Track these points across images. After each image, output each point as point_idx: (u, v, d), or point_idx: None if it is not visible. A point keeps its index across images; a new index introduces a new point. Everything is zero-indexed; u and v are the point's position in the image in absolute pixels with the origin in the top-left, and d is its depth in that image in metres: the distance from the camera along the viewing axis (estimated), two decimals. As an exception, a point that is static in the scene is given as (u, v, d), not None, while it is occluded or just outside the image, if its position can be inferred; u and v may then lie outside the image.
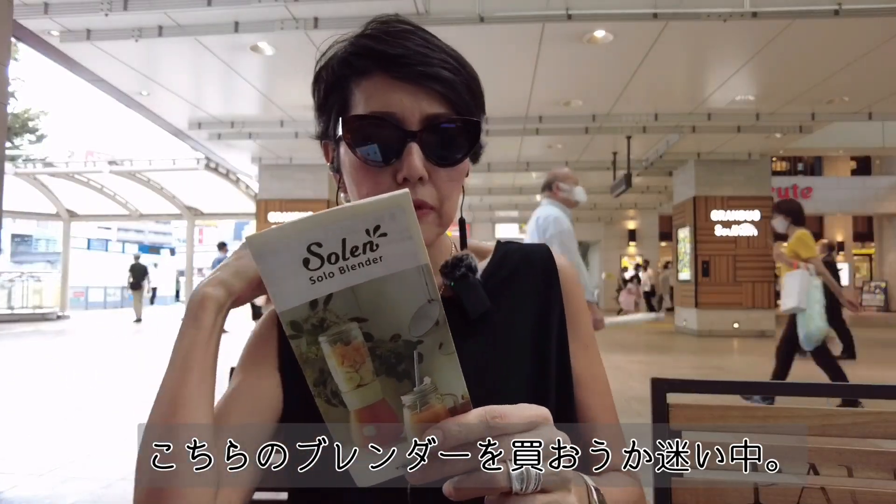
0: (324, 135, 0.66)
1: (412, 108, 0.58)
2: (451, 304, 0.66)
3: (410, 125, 0.58)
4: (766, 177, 10.96)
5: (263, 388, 0.63)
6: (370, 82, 0.59)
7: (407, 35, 0.59)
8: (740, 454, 0.88)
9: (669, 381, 0.91)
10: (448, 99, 0.59)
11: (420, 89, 0.58)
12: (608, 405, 0.69)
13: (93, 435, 3.79)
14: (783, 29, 5.32)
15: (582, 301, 0.71)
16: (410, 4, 4.82)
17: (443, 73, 0.58)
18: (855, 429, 0.84)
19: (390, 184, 0.58)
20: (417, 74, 0.57)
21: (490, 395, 0.61)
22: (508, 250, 0.72)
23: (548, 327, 0.67)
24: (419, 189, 0.58)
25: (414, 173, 0.57)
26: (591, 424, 0.67)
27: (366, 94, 0.59)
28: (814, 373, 4.80)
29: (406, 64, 0.57)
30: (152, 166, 12.24)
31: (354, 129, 0.59)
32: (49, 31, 5.53)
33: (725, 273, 10.72)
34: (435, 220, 0.61)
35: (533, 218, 3.62)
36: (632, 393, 5.19)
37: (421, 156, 0.57)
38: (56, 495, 2.74)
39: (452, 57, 0.61)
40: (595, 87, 7.08)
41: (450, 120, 0.59)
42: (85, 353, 7.96)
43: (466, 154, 0.61)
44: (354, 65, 0.60)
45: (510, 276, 0.69)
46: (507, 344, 0.65)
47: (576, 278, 0.71)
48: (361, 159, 0.58)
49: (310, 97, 0.66)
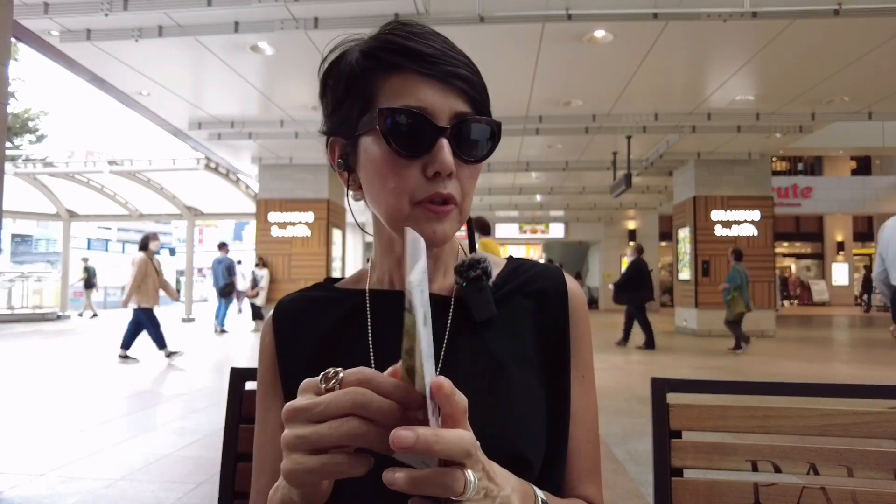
0: (336, 130, 0.66)
1: (442, 105, 0.59)
2: (459, 304, 0.66)
3: (441, 121, 0.59)
4: (766, 177, 10.97)
5: (282, 426, 0.66)
6: (400, 78, 0.59)
7: (431, 36, 0.61)
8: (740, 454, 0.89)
9: (669, 380, 0.91)
10: (472, 98, 0.61)
11: (448, 87, 0.59)
12: (591, 436, 0.69)
13: (93, 435, 3.79)
14: (783, 29, 5.32)
15: (587, 329, 0.70)
16: (410, 4, 4.82)
17: (466, 73, 0.60)
18: (855, 428, 0.84)
19: (418, 178, 0.59)
20: (446, 73, 0.59)
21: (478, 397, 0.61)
22: (521, 265, 0.73)
23: (548, 347, 0.67)
24: (448, 184, 0.59)
25: (447, 168, 0.58)
26: (570, 454, 0.67)
27: (395, 88, 0.59)
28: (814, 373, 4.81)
29: (436, 62, 0.59)
30: (152, 166, 12.24)
31: (389, 120, 0.59)
32: (49, 31, 5.54)
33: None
34: (457, 216, 0.62)
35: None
36: (632, 393, 5.19)
37: (450, 151, 0.59)
38: (56, 495, 2.74)
39: (470, 61, 0.63)
40: (595, 87, 7.09)
41: (476, 118, 0.61)
42: (85, 353, 7.97)
43: (489, 153, 0.63)
44: (382, 59, 0.60)
45: (519, 289, 0.69)
46: (505, 352, 0.65)
47: (585, 306, 0.71)
48: (395, 151, 0.59)
49: (310, 97, 0.66)
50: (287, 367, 0.67)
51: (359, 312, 0.68)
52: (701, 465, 0.88)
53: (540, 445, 0.62)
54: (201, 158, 11.29)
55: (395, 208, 0.60)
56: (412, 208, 0.60)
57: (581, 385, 0.68)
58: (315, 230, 11.10)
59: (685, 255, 11.43)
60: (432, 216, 0.60)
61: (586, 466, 0.68)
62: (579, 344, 0.69)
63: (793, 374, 6.32)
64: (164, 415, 4.40)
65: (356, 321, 0.67)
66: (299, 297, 0.72)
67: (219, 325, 11.17)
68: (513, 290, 0.69)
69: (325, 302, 0.70)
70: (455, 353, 0.64)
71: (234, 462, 0.93)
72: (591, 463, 0.68)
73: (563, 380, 0.67)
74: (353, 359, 0.65)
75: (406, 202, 0.60)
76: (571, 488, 0.67)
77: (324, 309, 0.70)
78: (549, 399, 0.65)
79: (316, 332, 0.68)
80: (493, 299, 0.66)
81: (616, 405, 4.69)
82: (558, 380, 0.66)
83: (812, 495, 0.83)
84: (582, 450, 0.68)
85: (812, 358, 7.87)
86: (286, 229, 11.09)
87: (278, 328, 0.70)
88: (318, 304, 0.71)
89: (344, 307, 0.69)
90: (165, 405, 4.70)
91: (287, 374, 0.67)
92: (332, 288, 0.73)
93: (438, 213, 0.60)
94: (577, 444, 0.67)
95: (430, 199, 0.59)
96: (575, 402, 0.67)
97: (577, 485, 0.67)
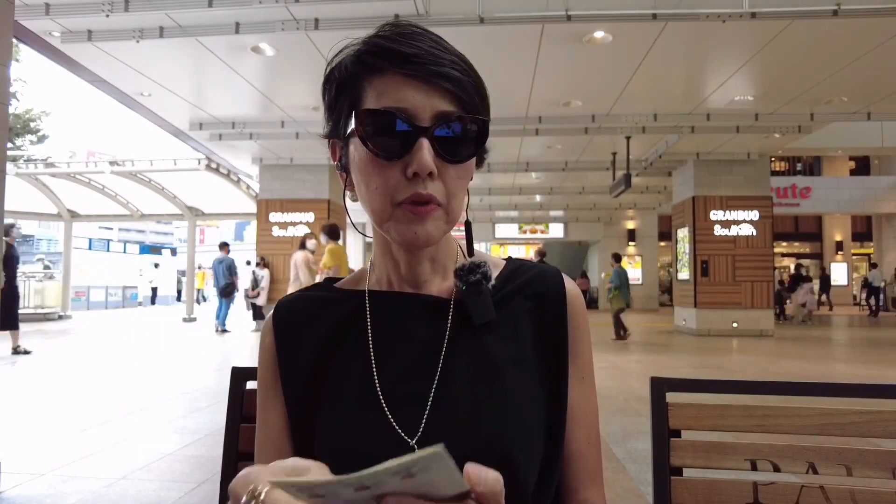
0: (332, 133, 0.67)
1: (424, 105, 0.58)
2: (458, 307, 0.67)
3: (422, 121, 0.58)
4: (765, 177, 10.96)
5: (282, 426, 0.68)
6: (383, 79, 0.60)
7: (419, 37, 0.60)
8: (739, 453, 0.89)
9: (669, 380, 0.91)
10: (458, 98, 0.60)
11: (431, 87, 0.59)
12: (592, 438, 0.68)
13: (94, 434, 3.79)
14: (782, 29, 5.32)
15: (586, 331, 0.70)
16: (410, 5, 4.82)
17: (453, 73, 0.59)
18: (854, 428, 0.84)
19: (399, 178, 0.59)
20: (429, 72, 0.58)
21: (476, 397, 0.62)
22: (520, 267, 0.72)
23: (546, 349, 0.67)
24: (428, 184, 0.59)
25: (424, 168, 0.57)
26: (570, 457, 0.67)
27: (378, 90, 0.60)
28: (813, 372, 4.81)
29: (418, 62, 0.58)
30: (153, 167, 12.24)
31: (367, 122, 0.59)
32: (50, 32, 5.54)
33: (724, 273, 10.73)
34: (442, 216, 0.62)
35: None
36: (631, 392, 5.20)
37: (431, 151, 0.58)
38: (57, 495, 2.74)
39: (461, 60, 0.62)
40: (594, 88, 7.09)
41: (460, 117, 0.60)
42: (87, 353, 7.97)
43: (474, 152, 0.62)
44: (368, 63, 0.60)
45: (518, 292, 0.69)
46: (503, 355, 0.65)
47: (583, 307, 0.71)
48: (373, 153, 0.59)
49: (310, 97, 0.67)
50: (287, 368, 0.68)
51: (359, 313, 0.68)
52: (700, 464, 0.88)
53: (537, 448, 0.62)
54: (202, 159, 11.29)
55: (379, 209, 0.61)
56: (394, 209, 0.60)
57: (580, 387, 0.68)
58: (316, 230, 11.11)
59: (684, 255, 11.44)
60: (413, 217, 0.60)
61: (587, 469, 0.67)
62: (578, 346, 0.69)
63: (792, 373, 6.33)
64: (165, 414, 4.40)
65: (356, 322, 0.67)
66: (299, 298, 0.73)
67: (219, 324, 11.18)
68: (512, 291, 0.69)
69: (325, 302, 0.71)
70: (454, 355, 0.64)
71: (235, 461, 0.93)
72: (592, 466, 0.68)
73: (562, 382, 0.66)
74: (353, 359, 0.65)
75: (388, 203, 0.60)
76: (572, 491, 0.67)
77: (323, 309, 0.70)
78: (548, 401, 0.65)
79: (316, 332, 0.68)
80: (492, 304, 0.66)
81: (616, 404, 4.69)
82: (556, 382, 0.66)
83: (811, 494, 0.83)
84: (582, 452, 0.67)
85: (811, 357, 7.87)
86: (287, 229, 11.09)
87: (278, 328, 0.70)
88: (317, 305, 0.71)
89: (344, 308, 0.69)
90: (166, 404, 4.70)
91: (287, 374, 0.68)
92: (331, 288, 0.73)
93: (419, 214, 0.59)
94: (577, 446, 0.67)
95: (410, 200, 0.59)
96: (574, 404, 0.67)
97: (578, 488, 0.67)
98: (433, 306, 0.67)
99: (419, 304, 0.67)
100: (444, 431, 0.59)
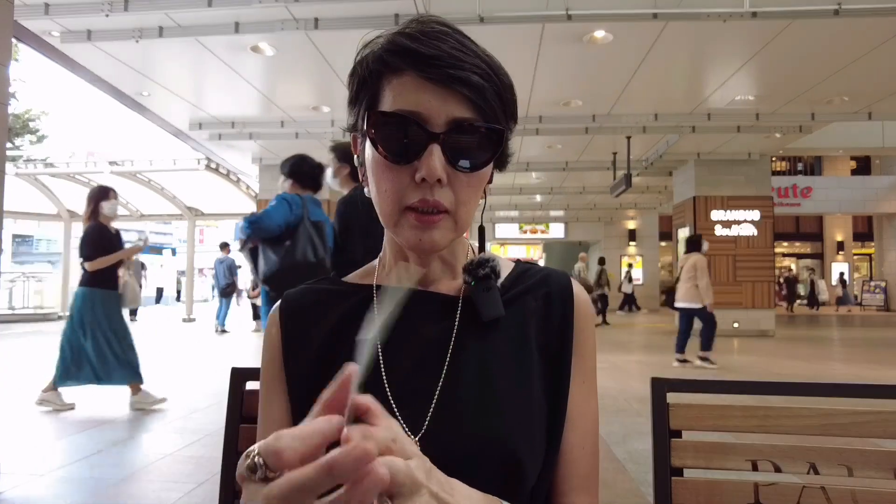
0: (353, 127, 0.66)
1: (438, 110, 0.57)
2: (466, 305, 0.66)
3: (435, 126, 0.57)
4: (765, 177, 10.96)
5: (285, 419, 0.67)
6: (401, 80, 0.59)
7: (442, 37, 0.59)
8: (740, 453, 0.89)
9: (669, 380, 0.91)
10: (476, 104, 0.58)
11: (449, 92, 0.57)
12: (589, 445, 0.67)
13: (94, 434, 3.79)
14: (783, 29, 5.32)
15: (591, 336, 0.70)
16: (410, 5, 4.82)
17: (473, 78, 0.58)
18: (855, 428, 0.84)
19: (409, 182, 0.58)
20: (447, 77, 0.57)
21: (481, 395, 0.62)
22: (529, 269, 0.72)
23: (551, 351, 0.66)
24: (437, 191, 0.58)
25: (432, 174, 0.57)
26: (562, 460, 0.65)
27: (395, 91, 0.59)
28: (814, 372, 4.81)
29: (437, 65, 0.57)
30: (153, 167, 12.24)
31: (379, 124, 0.59)
32: (50, 32, 5.54)
33: (725, 273, 10.72)
34: (449, 224, 0.61)
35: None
36: (632, 392, 5.19)
37: (441, 158, 0.57)
38: (57, 495, 2.74)
39: (486, 63, 0.60)
40: (595, 87, 7.08)
41: (474, 126, 0.59)
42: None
43: (487, 162, 0.61)
44: (388, 62, 0.60)
45: (526, 293, 0.69)
46: (509, 355, 0.64)
47: (590, 311, 0.71)
48: (383, 155, 0.59)
49: (310, 97, 0.67)
50: (292, 360, 0.67)
51: (366, 307, 0.68)
52: (701, 464, 0.88)
53: (538, 449, 0.62)
54: (202, 159, 11.29)
55: (388, 212, 0.61)
56: (402, 213, 0.60)
57: (580, 390, 0.67)
58: (315, 230, 11.11)
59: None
60: (418, 224, 0.59)
61: (579, 475, 0.65)
62: (582, 350, 0.68)
63: (793, 373, 6.32)
64: (164, 414, 4.40)
65: (364, 315, 0.67)
66: (306, 291, 0.72)
67: (220, 325, 11.17)
68: (520, 292, 0.69)
69: (333, 296, 0.70)
70: (461, 353, 0.63)
71: (235, 462, 0.92)
72: (584, 472, 0.66)
73: (563, 385, 0.66)
74: None
75: (397, 206, 0.60)
76: (560, 495, 0.65)
77: (331, 302, 0.69)
78: (550, 403, 0.65)
79: (323, 325, 0.67)
80: (500, 300, 0.65)
81: (616, 405, 4.69)
82: (558, 384, 0.66)
83: (812, 495, 0.83)
84: (575, 457, 0.65)
85: (812, 357, 7.87)
86: (287, 229, 11.10)
87: (284, 321, 0.69)
88: (325, 298, 0.70)
89: (351, 301, 0.69)
90: (166, 405, 4.70)
91: (292, 367, 0.67)
92: (339, 282, 0.73)
93: (424, 223, 0.59)
94: (570, 450, 0.65)
95: (417, 206, 0.58)
96: (572, 407, 0.66)
97: (567, 493, 0.65)
98: (442, 304, 0.67)
99: (428, 302, 0.67)
100: (447, 429, 0.59)
